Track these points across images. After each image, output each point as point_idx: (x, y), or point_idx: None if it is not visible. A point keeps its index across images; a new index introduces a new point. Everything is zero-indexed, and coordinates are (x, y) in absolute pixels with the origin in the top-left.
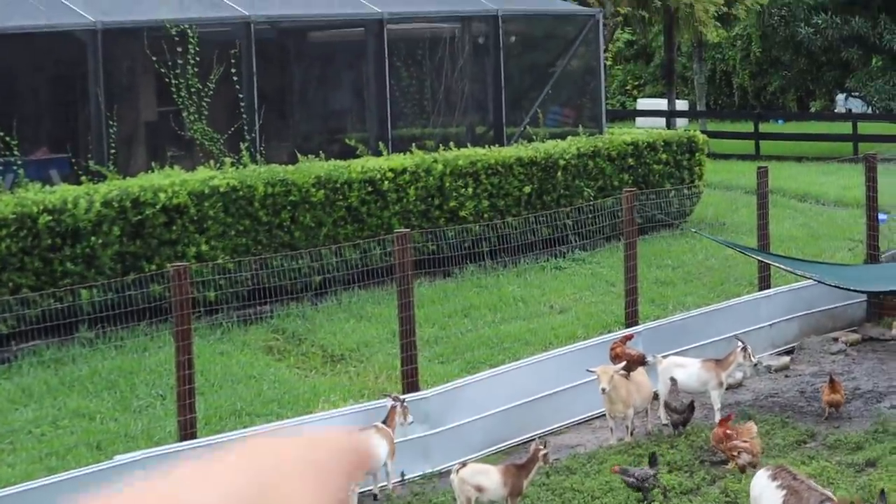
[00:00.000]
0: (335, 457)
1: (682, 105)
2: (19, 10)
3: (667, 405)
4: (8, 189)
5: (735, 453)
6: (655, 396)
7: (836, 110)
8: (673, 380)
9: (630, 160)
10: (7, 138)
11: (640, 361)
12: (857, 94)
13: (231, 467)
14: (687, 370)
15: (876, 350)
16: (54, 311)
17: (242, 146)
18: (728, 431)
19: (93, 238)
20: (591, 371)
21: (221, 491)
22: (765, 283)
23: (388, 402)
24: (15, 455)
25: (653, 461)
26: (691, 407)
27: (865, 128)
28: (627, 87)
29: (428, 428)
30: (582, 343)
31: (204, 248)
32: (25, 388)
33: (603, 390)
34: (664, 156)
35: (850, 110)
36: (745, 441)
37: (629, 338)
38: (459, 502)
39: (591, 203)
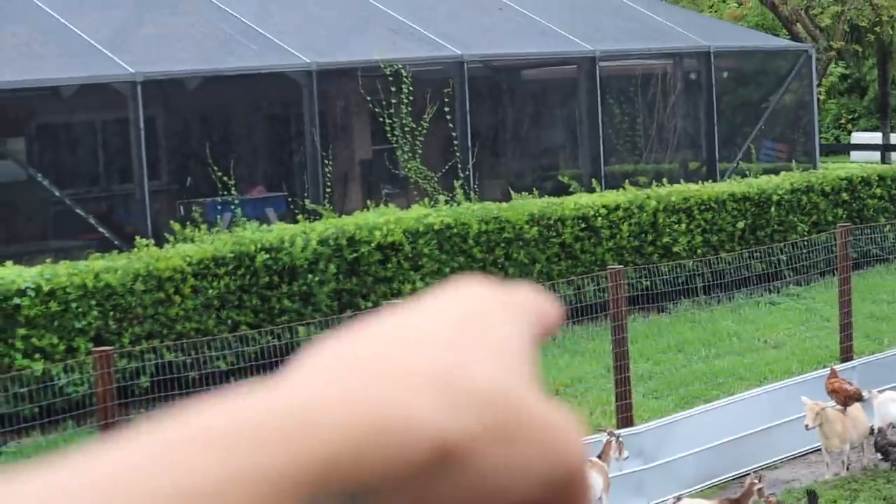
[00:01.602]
0: (528, 307)
1: None
2: (235, 52)
3: (876, 444)
4: (226, 228)
5: None
6: (872, 432)
7: None
8: (879, 429)
9: (844, 195)
10: (225, 178)
11: (856, 397)
12: None
13: (435, 304)
14: None
15: None
16: (272, 347)
17: (456, 184)
18: None
19: (309, 276)
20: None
21: (431, 325)
22: None
23: (604, 437)
24: None
25: (812, 499)
26: None
27: None
28: (841, 121)
29: (642, 462)
30: (797, 378)
31: (419, 284)
32: None
33: (806, 426)
34: (879, 190)
35: None
36: None
37: (833, 374)
38: None
39: (806, 238)
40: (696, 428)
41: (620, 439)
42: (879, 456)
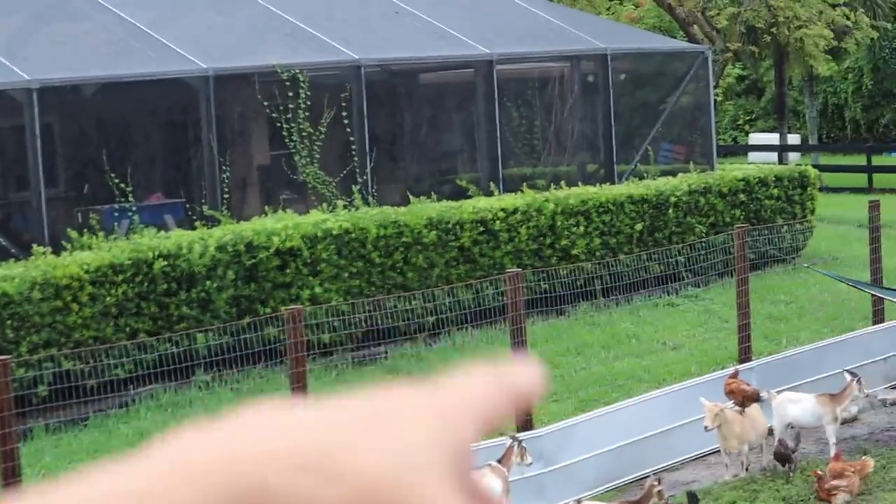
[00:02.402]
0: (465, 401)
1: (794, 139)
2: (131, 59)
3: (776, 454)
4: (123, 235)
5: (834, 493)
6: (770, 432)
7: None
8: (780, 440)
9: (741, 196)
10: (122, 184)
11: (754, 397)
12: None
13: (350, 401)
14: (801, 405)
15: None
16: (171, 355)
17: (354, 188)
18: (819, 473)
19: (208, 282)
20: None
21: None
22: (879, 316)
23: (507, 441)
24: None
25: (691, 500)
26: (797, 438)
27: None
28: (739, 122)
29: (542, 466)
30: (696, 379)
31: (318, 290)
32: (143, 432)
33: (706, 428)
34: (776, 191)
35: None
36: (844, 479)
37: (735, 374)
38: None
39: (703, 239)
40: (595, 430)
41: (523, 445)
42: (777, 463)
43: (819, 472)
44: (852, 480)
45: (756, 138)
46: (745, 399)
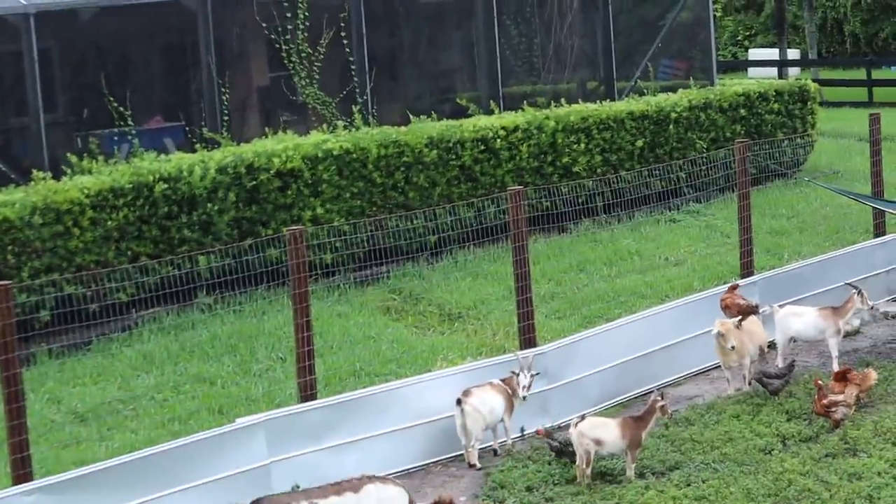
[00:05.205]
0: None
1: (793, 54)
2: None
3: (759, 378)
4: (124, 159)
5: (833, 409)
6: (773, 345)
7: None
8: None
9: (742, 111)
10: (121, 108)
11: (751, 311)
12: None
13: None
14: (804, 319)
15: None
16: (173, 277)
17: (354, 109)
18: (820, 383)
19: (209, 205)
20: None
21: None
22: (880, 229)
23: (514, 359)
24: (138, 421)
25: None
26: (790, 367)
27: None
28: (738, 38)
29: (546, 383)
30: (698, 294)
31: (319, 211)
32: (147, 355)
33: (732, 348)
34: (776, 105)
35: None
36: (840, 393)
37: (735, 287)
38: (578, 455)
39: (704, 155)
40: (599, 347)
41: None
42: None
43: (819, 383)
44: (849, 393)
45: (756, 53)
46: (741, 313)
